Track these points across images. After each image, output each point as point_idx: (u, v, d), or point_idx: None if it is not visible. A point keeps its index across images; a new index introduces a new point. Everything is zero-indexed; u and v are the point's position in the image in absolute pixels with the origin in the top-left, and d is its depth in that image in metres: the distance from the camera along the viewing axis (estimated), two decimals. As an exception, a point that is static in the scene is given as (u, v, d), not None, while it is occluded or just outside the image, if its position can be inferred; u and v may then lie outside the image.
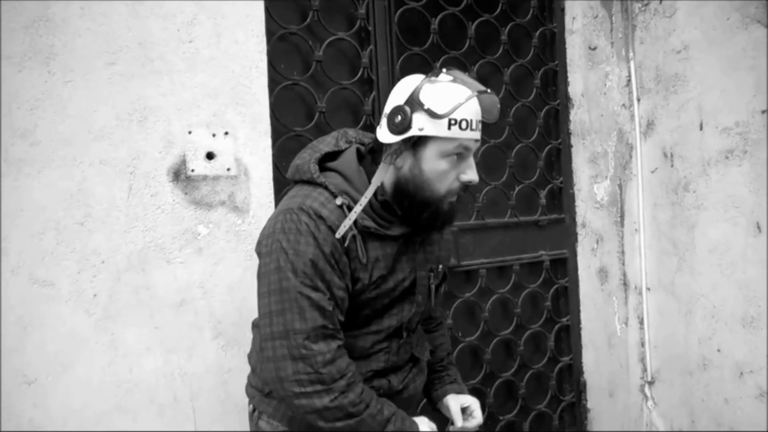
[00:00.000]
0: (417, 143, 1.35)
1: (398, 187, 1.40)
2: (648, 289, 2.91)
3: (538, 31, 2.93)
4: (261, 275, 1.39)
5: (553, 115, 3.00)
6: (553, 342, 2.97)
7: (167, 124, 2.00)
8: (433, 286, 1.53)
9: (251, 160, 2.13)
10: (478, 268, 2.75)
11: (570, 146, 3.02)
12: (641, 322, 2.94)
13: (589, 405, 3.03)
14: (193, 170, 2.03)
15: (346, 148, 1.49)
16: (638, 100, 2.89)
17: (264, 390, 1.52)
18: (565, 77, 3.00)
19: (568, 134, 3.02)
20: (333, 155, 1.49)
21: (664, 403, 2.91)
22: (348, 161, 1.45)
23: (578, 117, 3.01)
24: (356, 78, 2.44)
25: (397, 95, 1.39)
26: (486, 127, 1.44)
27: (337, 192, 1.39)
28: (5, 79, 1.79)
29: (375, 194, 1.42)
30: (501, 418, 2.82)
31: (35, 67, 1.83)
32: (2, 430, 1.77)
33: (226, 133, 2.09)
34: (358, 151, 1.48)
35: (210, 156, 2.06)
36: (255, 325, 1.61)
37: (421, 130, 1.32)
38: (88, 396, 1.87)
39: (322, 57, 2.35)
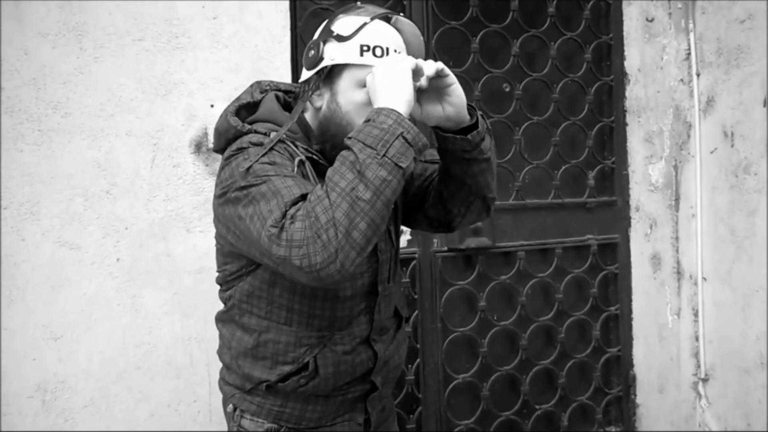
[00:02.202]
0: (332, 76, 1.30)
1: (321, 130, 1.34)
2: (704, 278, 2.71)
3: (590, 3, 2.77)
4: (238, 225, 1.26)
5: (606, 92, 2.83)
6: (599, 331, 2.83)
7: (190, 98, 2.07)
8: (391, 228, 1.43)
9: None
10: (516, 250, 2.66)
11: (625, 124, 2.85)
12: (695, 314, 2.74)
13: (638, 400, 2.88)
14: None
15: (262, 98, 1.43)
16: (698, 74, 2.68)
17: (245, 387, 1.39)
18: (621, 51, 2.82)
19: (623, 112, 2.84)
20: (252, 111, 1.42)
21: (718, 402, 2.71)
22: (268, 107, 1.39)
23: (634, 93, 2.83)
24: (389, 53, 2.41)
25: (314, 35, 1.35)
26: (530, 106, 1.29)
27: (267, 131, 1.31)
28: (42, 55, 1.92)
29: (310, 142, 1.36)
30: (537, 407, 2.72)
31: (68, 43, 1.95)
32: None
33: (248, 107, 2.13)
34: (277, 97, 1.42)
35: (231, 129, 2.11)
36: (219, 320, 1.48)
37: (333, 60, 1.28)
38: (108, 354, 1.99)
39: (355, 33, 2.34)
